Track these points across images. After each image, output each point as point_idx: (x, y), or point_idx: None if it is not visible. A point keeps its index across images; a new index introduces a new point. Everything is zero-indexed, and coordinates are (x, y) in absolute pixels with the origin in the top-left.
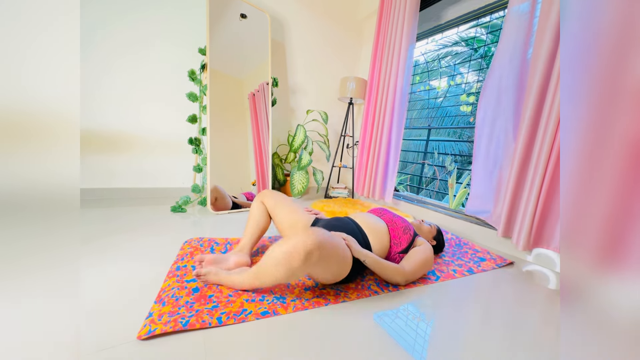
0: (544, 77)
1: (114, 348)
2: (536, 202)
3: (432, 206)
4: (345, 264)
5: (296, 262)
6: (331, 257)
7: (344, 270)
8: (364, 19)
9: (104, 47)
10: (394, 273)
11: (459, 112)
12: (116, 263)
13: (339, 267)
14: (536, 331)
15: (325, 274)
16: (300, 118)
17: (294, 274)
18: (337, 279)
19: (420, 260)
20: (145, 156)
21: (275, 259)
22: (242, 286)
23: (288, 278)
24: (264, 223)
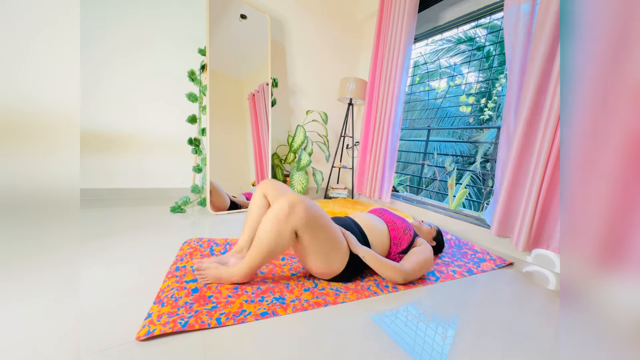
0: (543, 75)
1: (113, 349)
2: (535, 202)
3: (431, 207)
4: (338, 248)
5: (282, 215)
6: (317, 223)
7: (337, 257)
8: (364, 20)
9: (104, 47)
10: (393, 271)
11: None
12: (115, 263)
13: (330, 248)
14: (536, 332)
15: (314, 247)
16: (300, 118)
17: (281, 231)
18: (329, 265)
19: (420, 260)
20: (145, 156)
21: (264, 221)
22: (240, 272)
23: (277, 238)
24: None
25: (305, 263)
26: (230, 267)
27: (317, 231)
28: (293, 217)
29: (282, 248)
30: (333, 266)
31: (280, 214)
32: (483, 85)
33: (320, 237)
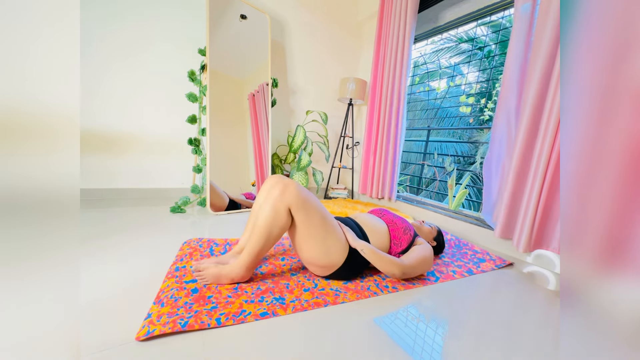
0: (544, 77)
1: (112, 349)
2: (537, 203)
3: (431, 207)
4: (336, 238)
5: (277, 195)
6: (309, 204)
7: (335, 247)
8: (364, 20)
9: (104, 47)
10: (392, 265)
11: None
12: (115, 263)
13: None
14: (536, 332)
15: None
16: (300, 119)
17: (277, 210)
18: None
19: (419, 257)
20: (145, 156)
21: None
22: (241, 262)
23: (274, 220)
24: None
25: (302, 251)
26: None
27: (309, 211)
28: (286, 195)
29: (279, 229)
30: (331, 256)
31: (275, 195)
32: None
33: (314, 220)
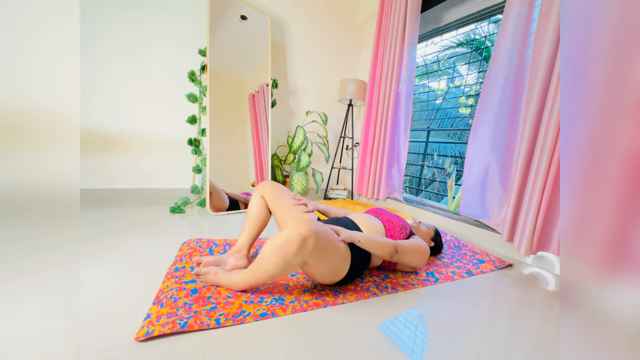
0: (545, 80)
1: (112, 349)
2: (538, 205)
3: (431, 208)
4: (342, 258)
5: (291, 250)
6: (326, 247)
7: (341, 266)
8: (364, 21)
9: (104, 47)
10: (387, 245)
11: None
12: (115, 264)
13: (336, 261)
14: (536, 333)
15: (321, 267)
16: (300, 119)
17: (289, 264)
18: (335, 276)
19: (414, 244)
20: (145, 157)
21: (270, 250)
22: (241, 284)
23: (284, 269)
24: (263, 219)
25: (312, 276)
26: (230, 275)
27: (324, 253)
28: (304, 251)
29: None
30: (337, 275)
31: (288, 249)
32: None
33: (327, 255)
